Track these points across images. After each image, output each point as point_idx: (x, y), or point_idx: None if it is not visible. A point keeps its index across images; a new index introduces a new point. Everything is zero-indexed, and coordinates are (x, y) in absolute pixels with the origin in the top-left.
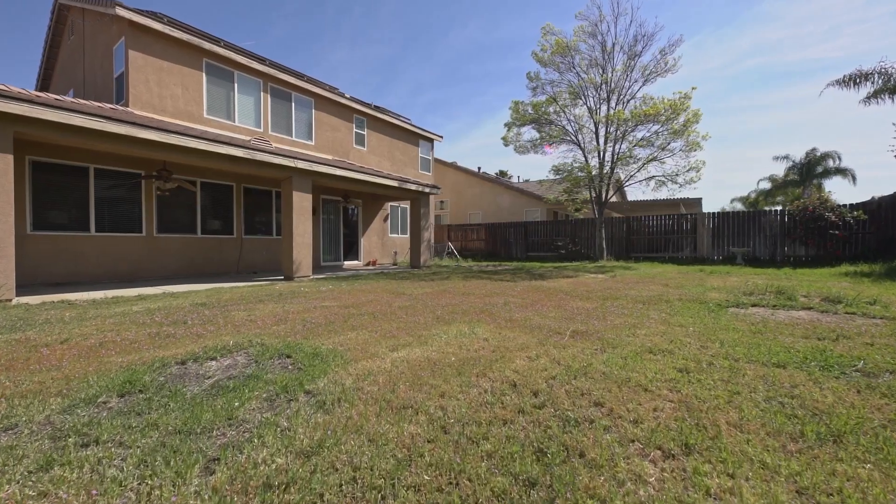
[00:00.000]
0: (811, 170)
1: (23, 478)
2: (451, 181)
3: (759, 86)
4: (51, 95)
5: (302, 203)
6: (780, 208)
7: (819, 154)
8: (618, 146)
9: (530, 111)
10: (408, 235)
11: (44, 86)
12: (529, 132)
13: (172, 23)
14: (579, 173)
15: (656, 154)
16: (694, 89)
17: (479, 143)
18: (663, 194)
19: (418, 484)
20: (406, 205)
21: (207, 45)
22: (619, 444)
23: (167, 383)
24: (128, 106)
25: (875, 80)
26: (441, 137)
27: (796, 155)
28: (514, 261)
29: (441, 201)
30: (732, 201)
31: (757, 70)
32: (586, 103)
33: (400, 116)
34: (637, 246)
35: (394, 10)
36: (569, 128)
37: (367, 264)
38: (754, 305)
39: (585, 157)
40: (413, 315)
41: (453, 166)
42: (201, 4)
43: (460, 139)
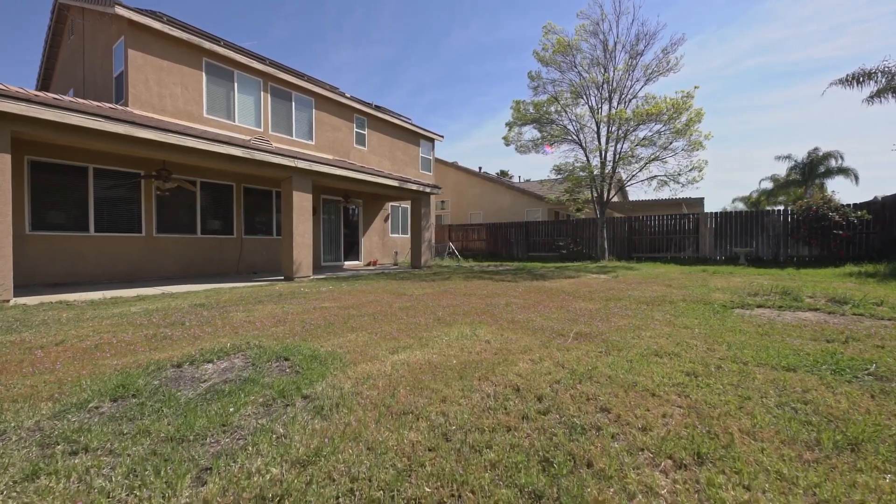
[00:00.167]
0: (813, 169)
1: (7, 488)
2: (452, 181)
3: (760, 86)
4: (49, 94)
5: (302, 203)
6: (784, 208)
7: (821, 154)
8: (620, 146)
9: (531, 110)
10: (408, 235)
11: (44, 86)
12: (531, 132)
13: (172, 22)
14: (581, 173)
15: (658, 153)
16: (697, 88)
17: (480, 143)
18: (665, 194)
19: (419, 497)
20: (407, 205)
21: (207, 45)
22: (628, 452)
23: (161, 387)
24: (127, 105)
25: (878, 79)
26: (442, 137)
27: (798, 154)
28: (515, 261)
29: (442, 201)
30: (734, 201)
31: (757, 70)
32: (588, 102)
33: (401, 116)
34: (639, 246)
35: (395, 10)
36: (570, 127)
37: (368, 264)
38: (760, 306)
39: (587, 156)
40: (414, 316)
41: (454, 166)
42: (202, 5)
43: (461, 139)
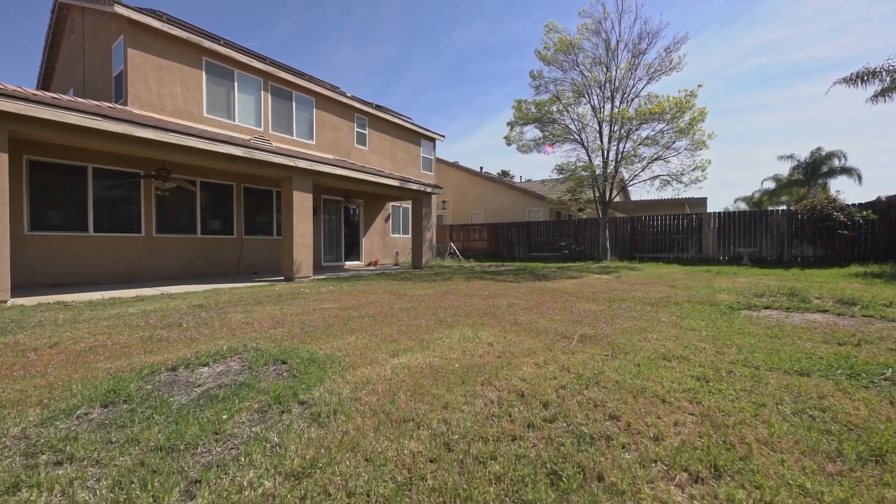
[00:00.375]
0: (816, 169)
1: None
2: (453, 181)
3: (760, 86)
4: (47, 94)
5: (302, 203)
6: (788, 208)
7: (824, 153)
8: (622, 145)
9: (533, 110)
10: (409, 235)
11: (44, 85)
12: (532, 131)
13: (172, 21)
14: (583, 173)
15: (661, 153)
16: (700, 86)
17: (482, 143)
18: (668, 194)
19: None
20: (408, 205)
21: (207, 44)
22: (640, 465)
23: (154, 392)
24: (127, 105)
25: (883, 78)
26: (443, 137)
27: (801, 154)
28: (516, 261)
29: (443, 201)
30: (736, 201)
31: (758, 70)
32: (590, 102)
33: (402, 116)
34: (641, 246)
35: (397, 10)
36: (572, 127)
37: (369, 265)
38: (767, 308)
39: (589, 156)
40: (414, 318)
41: (455, 166)
42: (203, 4)
43: (463, 139)
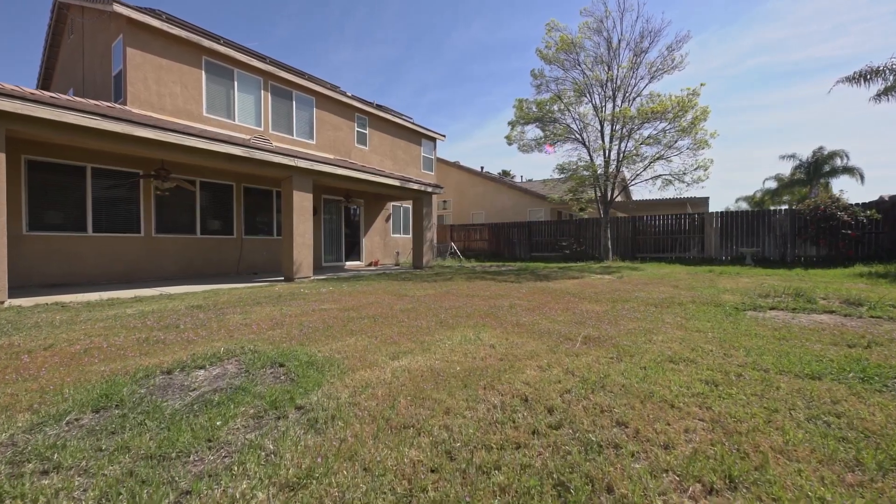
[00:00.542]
0: (818, 169)
1: None
2: (453, 181)
3: (760, 85)
4: (45, 93)
5: (302, 203)
6: (790, 207)
7: (826, 153)
8: (623, 144)
9: (534, 109)
10: (410, 235)
11: (44, 85)
12: (533, 131)
13: (171, 20)
14: (584, 172)
15: (663, 152)
16: (703, 85)
17: (483, 143)
18: (670, 193)
19: None
20: (408, 204)
21: (207, 43)
22: (651, 475)
23: (147, 397)
24: (126, 104)
25: (886, 77)
26: (444, 137)
27: (803, 154)
28: (517, 261)
29: (444, 201)
30: (737, 201)
31: (758, 70)
32: (591, 101)
33: (402, 115)
34: (643, 246)
35: (398, 10)
36: (573, 126)
37: (369, 265)
38: (772, 308)
39: (590, 155)
40: (415, 319)
41: (456, 166)
42: (202, 4)
43: (463, 139)
